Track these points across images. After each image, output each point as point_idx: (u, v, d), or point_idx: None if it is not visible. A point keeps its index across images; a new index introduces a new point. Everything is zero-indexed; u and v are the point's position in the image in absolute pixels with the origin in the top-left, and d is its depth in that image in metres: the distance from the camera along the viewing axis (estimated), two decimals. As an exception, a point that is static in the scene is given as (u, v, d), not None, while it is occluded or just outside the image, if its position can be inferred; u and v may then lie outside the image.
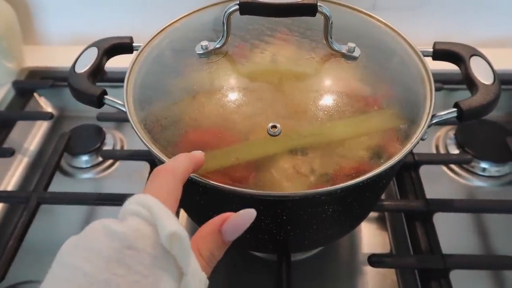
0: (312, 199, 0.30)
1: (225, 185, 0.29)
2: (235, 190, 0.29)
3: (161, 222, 0.21)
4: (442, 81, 0.57)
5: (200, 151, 0.29)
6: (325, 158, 0.31)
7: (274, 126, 0.31)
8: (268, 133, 0.31)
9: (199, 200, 0.34)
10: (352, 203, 0.34)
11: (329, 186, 0.30)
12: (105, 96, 0.36)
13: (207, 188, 0.30)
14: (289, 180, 0.31)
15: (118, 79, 0.56)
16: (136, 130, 0.33)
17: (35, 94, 0.64)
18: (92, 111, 0.60)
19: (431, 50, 0.40)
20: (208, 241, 0.24)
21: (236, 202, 0.31)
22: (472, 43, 0.40)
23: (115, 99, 0.36)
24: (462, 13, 0.63)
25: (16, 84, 0.62)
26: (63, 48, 0.68)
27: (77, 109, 0.65)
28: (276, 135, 0.31)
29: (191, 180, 0.30)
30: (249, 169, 0.31)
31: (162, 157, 0.31)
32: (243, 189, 0.29)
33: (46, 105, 0.66)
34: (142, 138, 0.32)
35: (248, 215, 0.24)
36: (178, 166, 0.26)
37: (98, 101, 0.36)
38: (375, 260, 0.40)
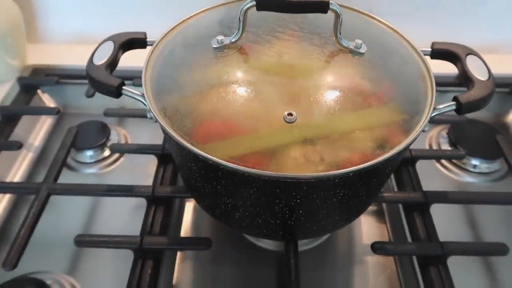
0: (326, 181, 0.32)
1: (246, 168, 0.31)
2: (255, 173, 0.31)
3: None
4: (437, 83, 0.60)
5: None
6: (334, 147, 0.33)
7: (290, 114, 0.33)
8: (285, 120, 0.33)
9: (216, 185, 0.35)
10: (361, 188, 0.36)
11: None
12: (124, 87, 0.38)
13: (227, 171, 0.31)
14: (301, 167, 0.32)
15: (126, 77, 0.58)
16: (158, 118, 0.34)
17: (39, 91, 0.65)
18: (94, 109, 0.62)
19: (430, 49, 0.42)
20: None
21: (253, 185, 0.33)
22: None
23: (133, 89, 0.38)
24: (455, 19, 0.67)
25: (21, 80, 0.62)
26: (66, 46, 0.69)
27: (79, 106, 0.66)
28: (292, 122, 0.33)
29: (209, 164, 0.32)
30: (264, 156, 0.33)
31: (184, 142, 0.32)
32: (265, 171, 0.30)
33: (49, 102, 0.66)
34: (164, 124, 0.34)
35: None
36: None
37: (117, 91, 0.37)
38: (377, 247, 0.42)
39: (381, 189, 0.45)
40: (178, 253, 0.47)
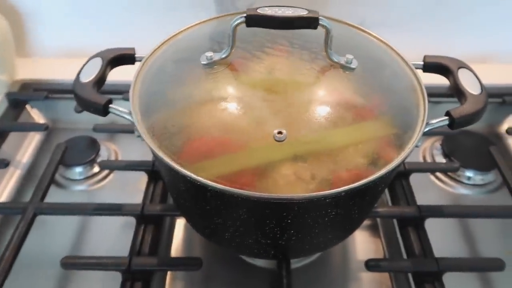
0: (317, 201, 0.31)
1: (235, 189, 0.30)
2: (245, 194, 0.30)
3: None
4: (427, 94, 0.60)
5: None
6: (326, 164, 0.32)
7: (280, 132, 0.32)
8: (274, 139, 0.32)
9: (205, 206, 0.34)
10: (353, 207, 0.35)
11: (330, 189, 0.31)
12: (111, 105, 0.37)
13: (216, 192, 0.31)
14: (292, 185, 0.32)
15: (114, 91, 0.57)
16: (144, 138, 0.33)
17: (27, 106, 0.64)
18: (84, 124, 0.61)
19: (422, 63, 0.42)
20: None
21: (243, 206, 0.32)
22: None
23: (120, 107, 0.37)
24: (447, 30, 0.67)
25: (9, 96, 0.61)
26: (55, 61, 0.69)
27: (69, 121, 0.65)
28: (282, 141, 0.32)
29: (198, 184, 0.31)
30: (253, 175, 0.32)
31: (171, 163, 0.32)
32: (253, 192, 0.30)
33: (38, 117, 0.65)
34: (151, 145, 0.33)
35: None
36: None
37: (104, 109, 0.36)
38: (372, 264, 0.42)
39: (375, 206, 0.44)
40: (169, 273, 0.46)
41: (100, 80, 0.39)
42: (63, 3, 0.65)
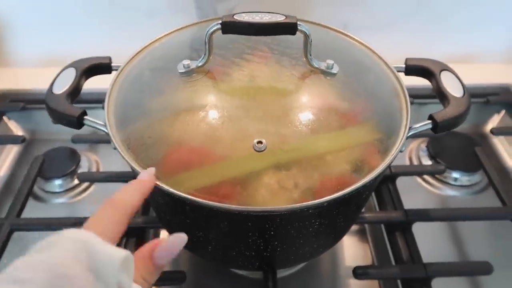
0: (300, 212, 0.30)
1: (214, 203, 0.29)
2: (223, 207, 0.29)
3: (102, 251, 0.22)
4: (412, 96, 0.59)
5: (150, 169, 0.30)
6: (309, 172, 0.32)
7: (259, 142, 0.31)
8: (254, 149, 0.31)
9: (185, 219, 0.33)
10: (338, 215, 0.34)
11: (314, 199, 0.30)
12: (85, 117, 0.35)
13: (194, 206, 0.30)
14: (274, 195, 0.31)
15: (93, 100, 0.55)
16: (120, 150, 0.32)
17: (5, 118, 0.62)
18: (64, 134, 0.59)
19: (404, 66, 0.42)
20: (140, 267, 0.25)
21: (223, 219, 0.31)
22: (438, 60, 0.42)
23: (95, 119, 0.35)
24: (429, 30, 0.66)
25: (-15, 108, 0.59)
26: (33, 70, 0.67)
27: (48, 132, 0.63)
28: (262, 151, 0.31)
29: (176, 198, 0.30)
30: (234, 186, 0.31)
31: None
32: (232, 206, 0.29)
33: (16, 129, 0.63)
34: (126, 158, 0.32)
35: (179, 239, 0.26)
36: (126, 199, 0.26)
37: (78, 122, 0.35)
38: (360, 272, 0.41)
39: (360, 213, 0.44)
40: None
41: (74, 91, 0.38)
42: (38, 10, 0.63)
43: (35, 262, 0.21)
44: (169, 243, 0.25)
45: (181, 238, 0.26)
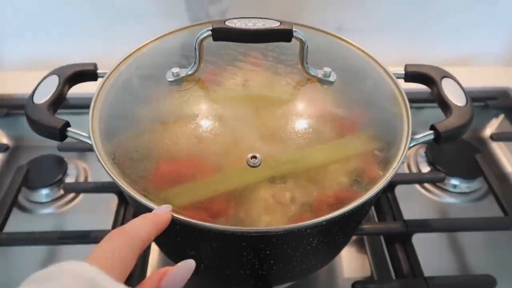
0: (297, 232, 0.28)
1: (205, 223, 0.27)
2: (215, 228, 0.27)
3: None
4: (410, 100, 0.58)
5: (167, 206, 0.27)
6: (306, 185, 0.30)
7: (254, 157, 0.29)
8: (248, 164, 0.29)
9: (175, 238, 0.31)
10: (336, 232, 0.33)
11: (311, 215, 0.28)
12: (68, 129, 0.33)
13: (184, 225, 0.28)
14: (270, 211, 0.29)
15: (81, 105, 0.53)
16: (104, 165, 0.30)
17: (-12, 124, 0.60)
18: (51, 141, 0.57)
19: (403, 72, 0.40)
20: None
21: (216, 239, 0.29)
22: (435, 63, 0.40)
23: (79, 131, 0.33)
24: (427, 33, 0.65)
25: (-34, 114, 0.57)
26: (17, 73, 0.64)
27: (35, 138, 0.60)
28: (257, 166, 0.29)
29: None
30: (228, 201, 0.29)
31: (133, 194, 0.29)
32: (225, 226, 0.27)
33: (0, 136, 0.61)
34: (111, 174, 0.30)
35: (187, 267, 0.24)
36: (137, 232, 0.24)
37: (61, 134, 0.33)
38: (359, 287, 0.39)
39: (359, 227, 0.42)
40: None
41: (56, 100, 0.36)
42: (24, 13, 0.61)
43: None
44: (177, 272, 0.23)
45: (189, 265, 0.24)
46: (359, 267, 0.47)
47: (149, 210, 0.28)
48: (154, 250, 0.48)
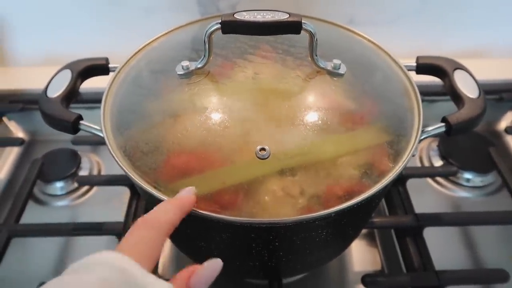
0: (306, 224, 0.28)
1: (214, 214, 0.27)
2: (225, 219, 0.27)
3: (144, 284, 0.20)
4: (422, 93, 0.57)
5: (190, 188, 0.28)
6: (316, 178, 0.30)
7: (263, 149, 0.29)
8: (257, 156, 0.29)
9: (186, 230, 0.32)
10: (346, 225, 0.33)
11: (320, 207, 0.28)
12: (81, 122, 0.34)
13: (194, 217, 0.28)
14: (280, 203, 0.29)
15: (94, 100, 0.54)
16: (115, 157, 0.31)
17: (4, 119, 0.61)
18: (65, 135, 0.57)
19: (415, 64, 0.39)
20: None
21: (225, 230, 0.30)
22: (447, 55, 0.40)
23: (91, 124, 0.34)
24: (439, 26, 0.64)
25: (-17, 109, 0.58)
26: (32, 69, 0.65)
27: (50, 132, 0.61)
28: (265, 158, 0.29)
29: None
30: (237, 193, 0.29)
31: (144, 185, 0.29)
32: (234, 218, 0.27)
33: (16, 130, 0.62)
34: (122, 166, 0.30)
35: (215, 266, 0.24)
36: (163, 218, 0.25)
37: (73, 127, 0.34)
38: (369, 280, 0.39)
39: (368, 220, 0.42)
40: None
41: (69, 94, 0.36)
42: (37, 9, 0.62)
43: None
44: (205, 270, 0.24)
45: (216, 264, 0.24)
46: (369, 261, 0.47)
47: (159, 201, 0.29)
48: (166, 242, 0.48)
